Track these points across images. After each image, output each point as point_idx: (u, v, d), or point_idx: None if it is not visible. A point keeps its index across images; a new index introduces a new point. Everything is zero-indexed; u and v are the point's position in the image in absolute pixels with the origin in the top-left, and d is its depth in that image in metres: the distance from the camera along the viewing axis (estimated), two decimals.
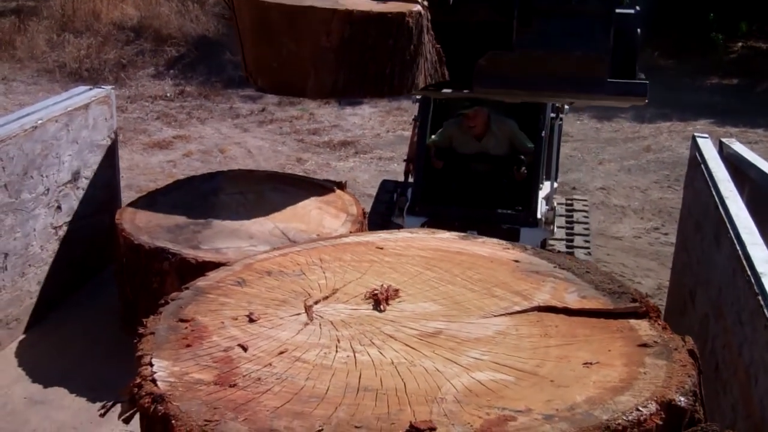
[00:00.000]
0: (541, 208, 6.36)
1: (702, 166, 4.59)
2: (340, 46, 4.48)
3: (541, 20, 5.06)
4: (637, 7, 5.33)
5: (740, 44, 15.67)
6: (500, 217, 6.23)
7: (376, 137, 11.55)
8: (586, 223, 7.66)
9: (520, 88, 5.19)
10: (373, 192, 8.48)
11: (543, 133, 6.51)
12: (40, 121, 4.63)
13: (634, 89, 5.21)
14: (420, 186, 6.44)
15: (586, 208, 8.00)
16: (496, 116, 6.55)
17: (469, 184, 6.56)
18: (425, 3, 4.81)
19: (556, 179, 7.16)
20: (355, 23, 4.45)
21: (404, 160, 7.57)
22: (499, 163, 6.57)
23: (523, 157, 6.43)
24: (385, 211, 7.00)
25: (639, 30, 5.25)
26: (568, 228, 7.42)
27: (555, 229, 6.72)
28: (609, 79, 5.06)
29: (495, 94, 5.54)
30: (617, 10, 5.13)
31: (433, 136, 6.73)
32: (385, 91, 4.76)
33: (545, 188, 6.65)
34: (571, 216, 7.72)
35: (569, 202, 8.13)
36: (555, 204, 6.97)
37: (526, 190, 6.41)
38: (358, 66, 4.58)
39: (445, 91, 5.37)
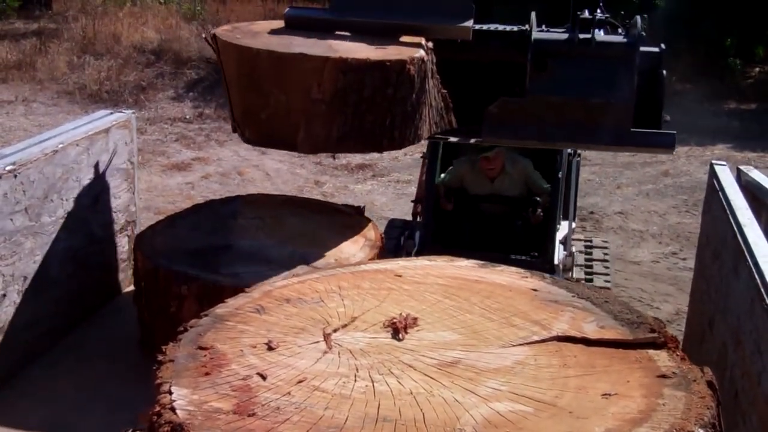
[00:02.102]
0: (559, 253, 6.06)
1: (720, 193, 4.57)
2: (334, 96, 4.15)
3: (558, 63, 4.59)
4: (662, 45, 4.79)
5: (758, 69, 15.68)
6: (514, 264, 5.82)
7: (393, 160, 11.58)
8: (606, 260, 7.42)
9: (533, 138, 4.78)
10: (391, 215, 8.49)
11: (560, 174, 6.15)
12: (61, 145, 4.66)
13: (660, 141, 4.68)
14: (428, 229, 6.13)
15: (606, 247, 7.73)
16: (510, 155, 6.25)
17: (481, 227, 6.26)
18: (430, 45, 4.52)
19: (574, 219, 6.85)
20: (349, 72, 4.12)
21: (412, 201, 7.29)
22: (514, 204, 6.28)
23: (538, 198, 6.13)
24: (394, 249, 6.62)
25: (665, 72, 4.72)
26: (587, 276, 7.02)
27: (574, 276, 6.43)
28: (632, 129, 4.55)
29: (506, 143, 5.21)
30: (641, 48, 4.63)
31: (443, 175, 6.44)
32: (384, 145, 4.45)
33: (563, 229, 6.35)
34: (591, 258, 7.34)
35: (588, 241, 7.87)
36: (573, 249, 6.67)
37: (542, 234, 6.09)
38: (354, 118, 4.23)
39: (452, 139, 5.06)
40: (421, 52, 4.37)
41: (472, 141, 5.04)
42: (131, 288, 5.00)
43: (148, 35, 16.43)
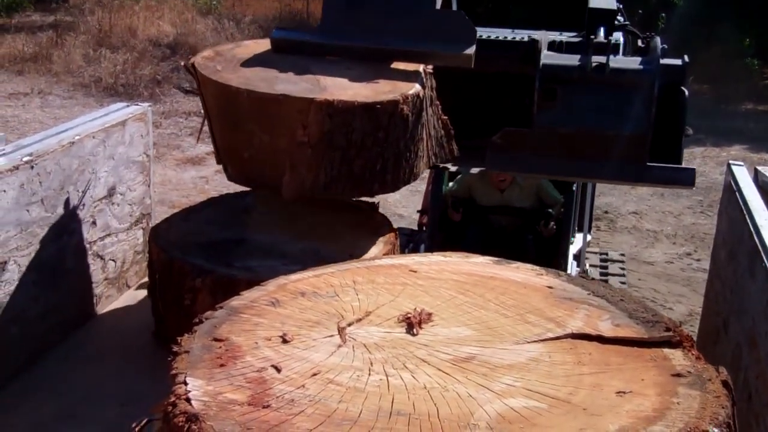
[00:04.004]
0: (572, 269, 5.78)
1: (737, 194, 4.54)
2: (320, 140, 3.87)
3: (568, 91, 4.15)
4: (686, 57, 4.27)
5: None
6: None
7: None
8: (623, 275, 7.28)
9: (540, 170, 4.48)
10: (404, 212, 8.47)
11: (574, 186, 5.81)
12: (77, 137, 4.67)
13: (678, 177, 4.21)
14: (434, 240, 5.85)
15: (623, 268, 7.60)
16: None
17: (490, 240, 5.87)
18: (429, 69, 4.23)
19: (589, 231, 6.55)
20: (336, 115, 3.82)
21: (418, 211, 7.10)
22: (525, 216, 5.99)
23: (551, 210, 5.83)
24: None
25: (686, 91, 4.25)
26: None
27: None
28: (649, 163, 4.13)
29: (513, 173, 4.89)
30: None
31: (450, 184, 6.19)
32: (376, 189, 4.19)
33: (577, 242, 6.08)
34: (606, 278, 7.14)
35: (603, 257, 7.72)
36: (588, 265, 6.40)
37: (554, 248, 5.81)
38: (342, 163, 3.96)
39: (453, 168, 4.83)
40: (417, 87, 4.07)
41: (474, 171, 4.79)
42: (146, 280, 5.01)
43: (164, 29, 16.46)
